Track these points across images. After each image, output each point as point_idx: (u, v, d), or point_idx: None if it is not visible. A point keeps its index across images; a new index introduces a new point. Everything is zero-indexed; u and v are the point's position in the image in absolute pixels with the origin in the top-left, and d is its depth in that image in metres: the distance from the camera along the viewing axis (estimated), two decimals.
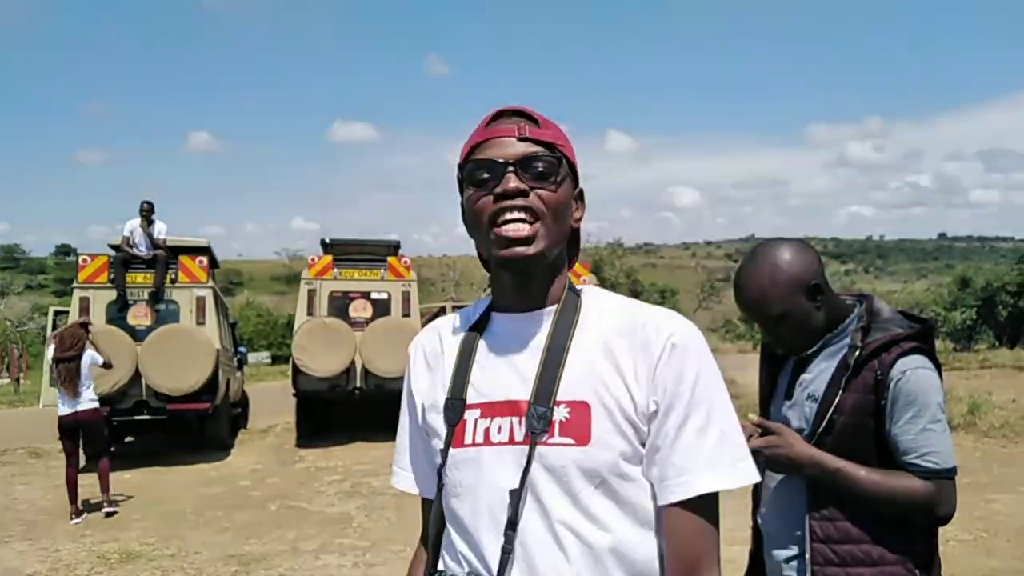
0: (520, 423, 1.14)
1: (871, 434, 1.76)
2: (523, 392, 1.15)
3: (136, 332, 9.92)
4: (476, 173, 1.15)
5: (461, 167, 1.20)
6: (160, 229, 10.51)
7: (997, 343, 26.64)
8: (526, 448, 1.12)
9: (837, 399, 1.77)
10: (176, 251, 10.88)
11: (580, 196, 1.24)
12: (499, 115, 1.20)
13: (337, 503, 7.65)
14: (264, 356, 38.39)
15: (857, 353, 1.77)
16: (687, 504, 1.10)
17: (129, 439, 11.94)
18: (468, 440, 1.17)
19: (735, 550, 5.32)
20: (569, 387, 1.13)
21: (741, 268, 1.89)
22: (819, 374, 1.85)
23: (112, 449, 10.96)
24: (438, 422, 1.21)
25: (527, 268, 1.15)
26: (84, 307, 9.96)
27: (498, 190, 1.12)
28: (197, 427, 10.92)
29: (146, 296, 10.23)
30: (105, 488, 7.30)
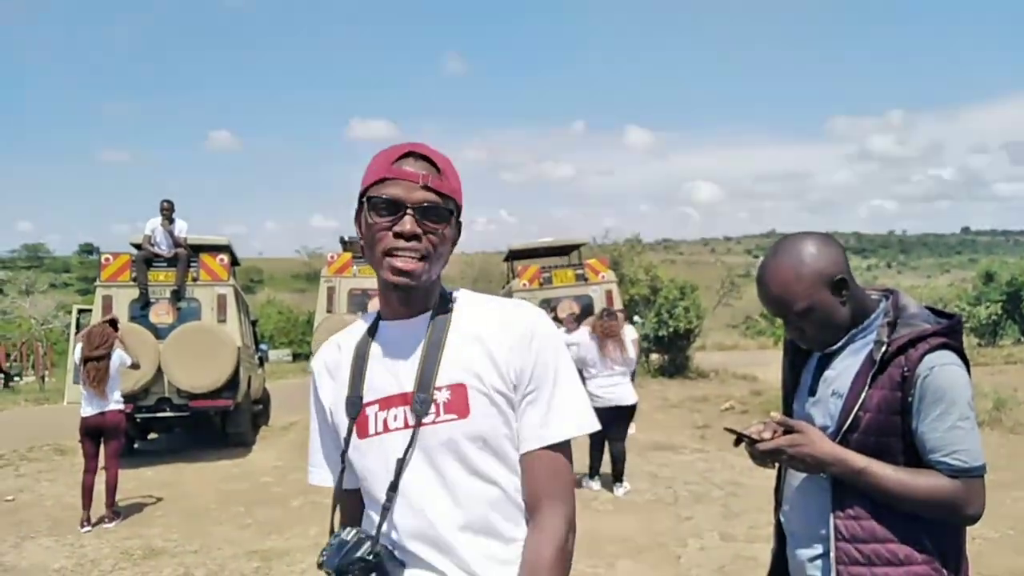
0: (411, 410, 1.39)
1: (898, 431, 1.72)
2: (407, 385, 1.40)
3: (158, 330, 10.02)
4: (380, 206, 1.37)
5: (366, 193, 1.39)
6: (181, 227, 10.60)
7: (1022, 338, 26.29)
8: (411, 431, 1.38)
9: (863, 396, 1.74)
10: (197, 249, 10.98)
11: (459, 230, 1.47)
12: (408, 154, 1.38)
13: None
14: (285, 353, 38.60)
15: (884, 349, 1.74)
16: (549, 448, 1.40)
17: (152, 436, 12.05)
18: (372, 431, 1.41)
19: (757, 547, 5.32)
20: (448, 373, 1.38)
21: (764, 262, 1.86)
22: (844, 370, 1.82)
23: (136, 446, 11.11)
24: (341, 419, 1.45)
25: (410, 291, 1.39)
26: (107, 305, 10.06)
27: (396, 229, 1.35)
28: (219, 424, 11.01)
29: (168, 294, 10.31)
30: (110, 503, 7.02)
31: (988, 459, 1.71)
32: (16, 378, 27.15)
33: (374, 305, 11.94)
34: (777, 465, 1.92)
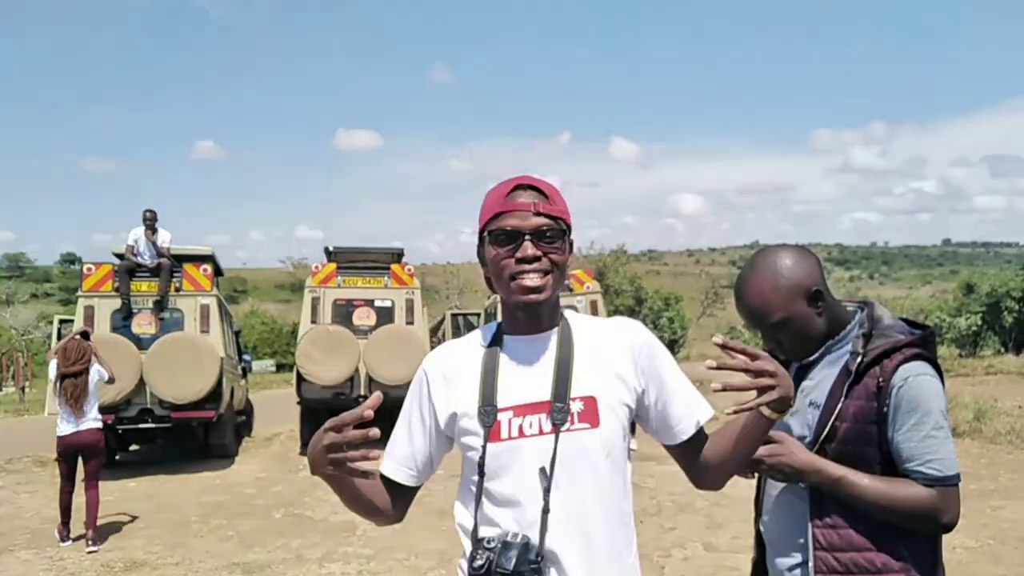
0: (546, 418, 1.49)
1: (874, 441, 1.75)
2: (543, 395, 1.51)
3: (140, 340, 9.95)
4: (501, 238, 1.50)
5: (486, 228, 1.53)
6: (164, 237, 10.54)
7: (1003, 349, 26.55)
8: (553, 436, 1.48)
9: (839, 406, 1.77)
10: (180, 259, 10.91)
11: (571, 247, 1.58)
12: (517, 187, 1.52)
13: (341, 511, 7.62)
14: (268, 364, 38.38)
15: (859, 360, 1.76)
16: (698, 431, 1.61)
17: (134, 447, 11.95)
18: (504, 435, 1.50)
19: (740, 558, 5.33)
20: (579, 386, 1.51)
21: (741, 275, 1.89)
22: (821, 381, 1.85)
23: (117, 457, 11.01)
24: (472, 425, 1.53)
25: (538, 308, 1.53)
26: (88, 315, 9.99)
27: (519, 254, 1.48)
28: (202, 435, 10.92)
29: (150, 304, 10.25)
30: (92, 523, 6.60)
31: (968, 469, 1.75)
32: None
33: (359, 316, 11.86)
34: (757, 475, 1.94)
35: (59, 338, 10.99)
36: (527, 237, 1.48)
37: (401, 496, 1.65)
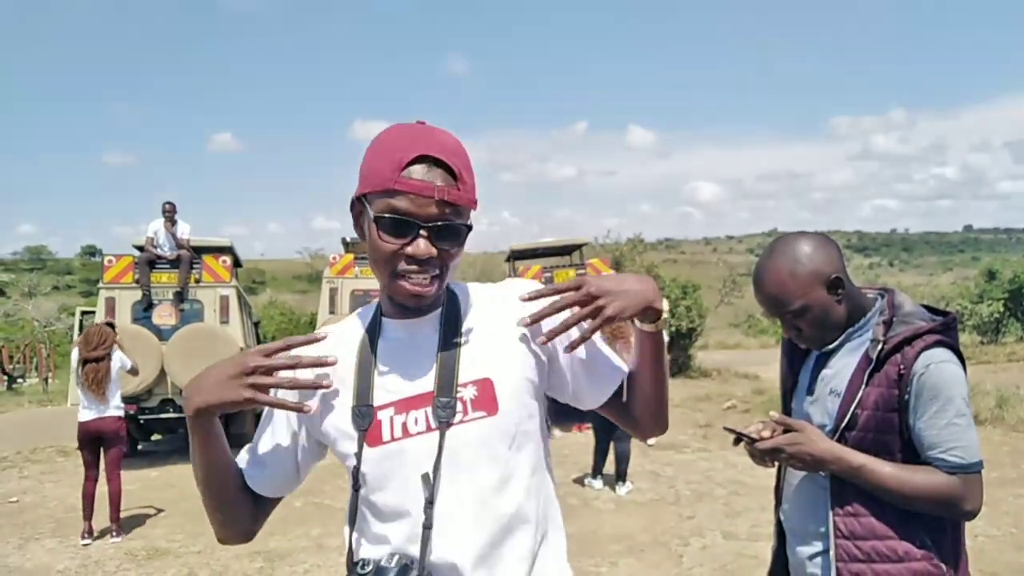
0: (432, 413, 1.26)
1: (895, 429, 1.74)
2: (427, 385, 1.28)
3: (161, 331, 10.03)
4: (390, 224, 1.22)
5: (370, 200, 1.24)
6: (183, 229, 10.63)
7: None
8: (437, 435, 1.25)
9: (860, 394, 1.75)
10: (199, 251, 11.00)
11: (468, 231, 1.31)
12: (419, 159, 1.21)
13: None
14: None
15: (880, 347, 1.75)
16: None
17: (155, 437, 12.08)
18: (387, 437, 1.27)
19: (759, 546, 5.32)
20: (471, 369, 1.28)
21: (760, 262, 1.88)
22: (841, 369, 1.83)
23: (139, 447, 11.13)
24: (346, 427, 1.30)
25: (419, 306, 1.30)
26: (110, 307, 10.09)
27: (409, 251, 1.22)
28: (222, 425, 10.99)
29: (171, 296, 10.33)
30: (115, 516, 6.65)
31: (991, 457, 1.74)
32: (19, 380, 27.19)
33: None
34: (776, 464, 1.93)
35: (81, 329, 11.10)
36: (422, 232, 1.21)
37: (255, 507, 1.41)
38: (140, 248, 10.85)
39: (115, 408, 6.71)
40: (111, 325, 7.42)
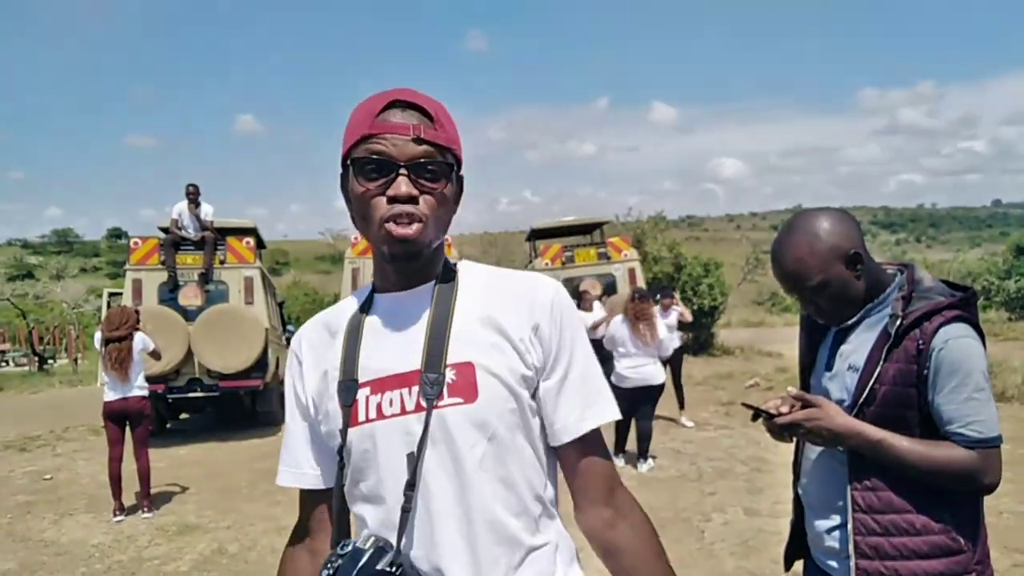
0: (410, 393, 1.20)
1: (914, 404, 1.74)
2: (411, 364, 1.21)
3: (187, 312, 10.18)
4: (368, 168, 1.19)
5: (350, 155, 1.22)
6: (207, 211, 10.73)
7: None
8: (422, 415, 1.19)
9: (879, 369, 1.76)
10: (224, 232, 11.11)
11: (461, 186, 1.29)
12: (393, 103, 1.20)
13: None
14: None
15: (899, 323, 1.75)
16: (583, 439, 1.27)
17: (183, 416, 12.30)
18: (362, 418, 1.22)
19: (781, 522, 5.33)
20: (454, 351, 1.21)
21: (778, 239, 1.88)
22: (860, 344, 1.83)
23: (168, 426, 11.34)
24: (332, 406, 1.26)
25: (410, 260, 1.23)
26: (136, 288, 10.24)
27: (390, 193, 1.17)
28: (249, 403, 11.19)
29: (196, 277, 10.46)
30: (145, 493, 6.78)
31: (1016, 433, 1.73)
32: (50, 361, 27.73)
33: None
34: (795, 439, 1.94)
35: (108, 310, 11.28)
36: (401, 170, 1.17)
37: (324, 502, 1.34)
38: (165, 230, 10.99)
39: (138, 388, 6.77)
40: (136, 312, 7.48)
